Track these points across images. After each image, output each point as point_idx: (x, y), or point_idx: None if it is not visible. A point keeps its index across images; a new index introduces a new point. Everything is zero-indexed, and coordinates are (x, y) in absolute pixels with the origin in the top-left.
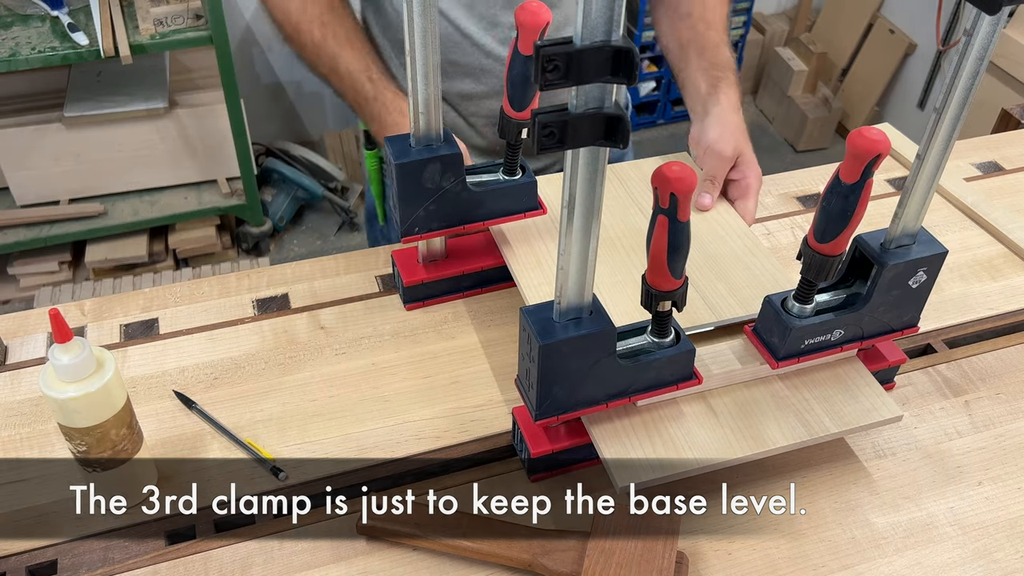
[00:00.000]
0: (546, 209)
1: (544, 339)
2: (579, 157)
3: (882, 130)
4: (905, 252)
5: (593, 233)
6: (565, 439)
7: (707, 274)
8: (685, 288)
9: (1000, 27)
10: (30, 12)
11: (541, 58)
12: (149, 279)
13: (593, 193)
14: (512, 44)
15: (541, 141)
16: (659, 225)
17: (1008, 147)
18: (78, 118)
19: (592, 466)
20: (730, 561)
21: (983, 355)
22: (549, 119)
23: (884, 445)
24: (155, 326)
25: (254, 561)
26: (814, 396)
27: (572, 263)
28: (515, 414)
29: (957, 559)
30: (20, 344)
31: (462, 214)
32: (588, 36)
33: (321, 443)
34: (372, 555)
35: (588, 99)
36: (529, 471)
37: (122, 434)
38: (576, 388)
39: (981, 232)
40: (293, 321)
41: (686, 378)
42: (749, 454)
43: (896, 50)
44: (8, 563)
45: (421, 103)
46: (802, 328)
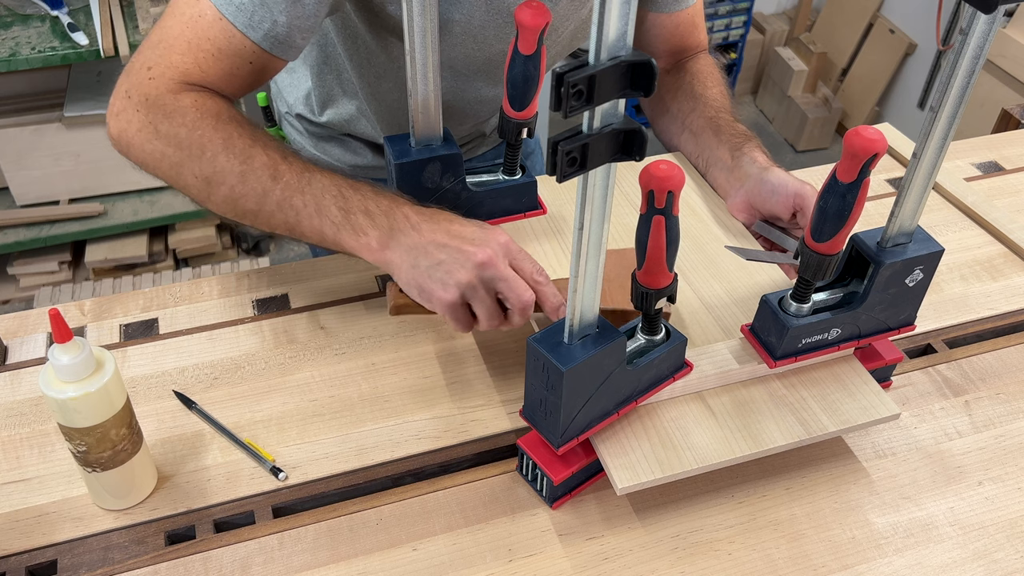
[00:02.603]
0: (546, 209)
1: (566, 365)
2: (595, 178)
3: (879, 129)
4: (902, 251)
5: (603, 248)
6: (580, 458)
7: (703, 275)
8: (676, 280)
9: (996, 26)
10: (30, 12)
11: (566, 85)
12: (149, 279)
13: (604, 209)
14: (512, 43)
15: (564, 170)
16: (655, 225)
17: (1008, 147)
18: (78, 118)
19: (605, 476)
20: (730, 561)
21: (983, 355)
22: (571, 146)
23: (884, 445)
24: (155, 326)
25: (254, 561)
26: (812, 395)
27: (586, 282)
28: (522, 446)
29: (957, 559)
30: (20, 344)
31: (462, 214)
32: (606, 55)
33: (321, 443)
34: (372, 555)
35: (605, 117)
36: (550, 500)
37: (122, 434)
38: (593, 405)
39: (981, 232)
40: (293, 321)
41: (679, 368)
42: (748, 453)
43: (896, 50)
44: (8, 563)
45: (421, 103)
46: (799, 327)
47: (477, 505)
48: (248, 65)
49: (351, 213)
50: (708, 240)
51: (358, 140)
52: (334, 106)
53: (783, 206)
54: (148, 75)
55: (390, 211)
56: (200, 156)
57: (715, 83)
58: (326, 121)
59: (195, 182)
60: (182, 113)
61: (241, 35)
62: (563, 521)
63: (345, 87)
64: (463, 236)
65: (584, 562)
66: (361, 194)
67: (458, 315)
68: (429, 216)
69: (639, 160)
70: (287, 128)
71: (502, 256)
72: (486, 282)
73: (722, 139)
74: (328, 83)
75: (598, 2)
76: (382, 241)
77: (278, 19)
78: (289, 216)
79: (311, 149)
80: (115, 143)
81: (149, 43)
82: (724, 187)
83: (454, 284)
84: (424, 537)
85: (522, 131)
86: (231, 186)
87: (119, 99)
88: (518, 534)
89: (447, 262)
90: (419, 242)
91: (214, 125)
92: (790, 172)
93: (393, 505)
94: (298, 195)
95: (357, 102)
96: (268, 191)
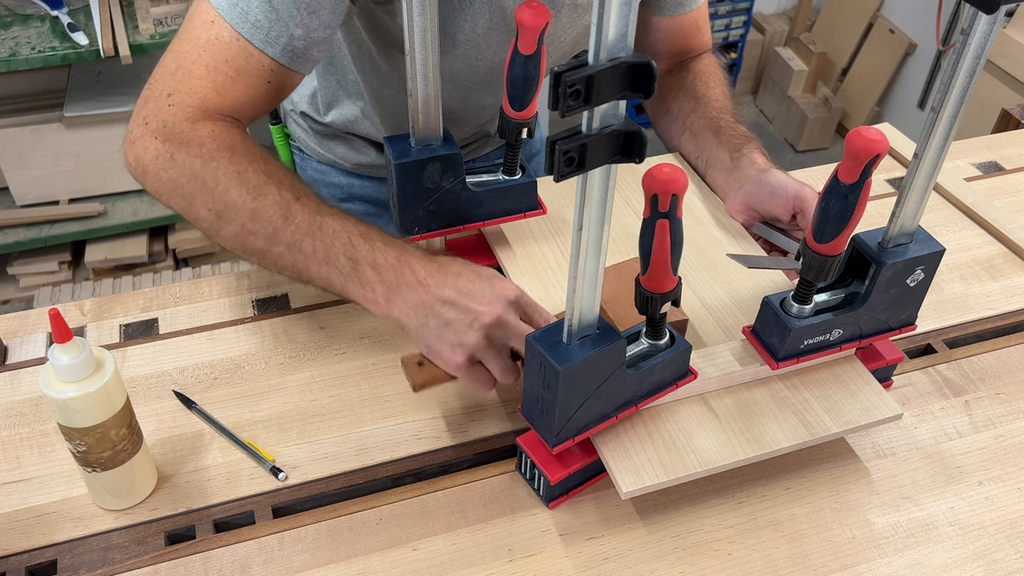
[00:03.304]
0: (546, 209)
1: (562, 364)
2: (593, 178)
3: (880, 130)
4: (903, 251)
5: (603, 249)
6: (579, 459)
7: (704, 276)
8: (680, 283)
9: (997, 27)
10: (30, 12)
11: (563, 84)
12: (149, 279)
13: (604, 210)
14: (512, 43)
15: (561, 169)
16: (660, 229)
17: (1008, 147)
18: (78, 118)
19: (604, 478)
20: (730, 561)
21: (983, 355)
22: (569, 145)
23: (884, 445)
24: (155, 326)
25: (254, 561)
26: (814, 396)
27: (585, 283)
28: (521, 444)
29: (957, 559)
30: (20, 344)
31: (462, 214)
32: (605, 56)
33: (321, 443)
34: (372, 555)
35: (604, 118)
36: (546, 499)
37: (122, 434)
38: (591, 406)
39: (981, 232)
40: (293, 321)
41: (683, 376)
42: (752, 455)
43: (896, 50)
44: (8, 563)
45: (421, 103)
46: (801, 328)
47: (477, 505)
48: (267, 84)
49: (359, 264)
50: (708, 242)
51: (362, 139)
52: (338, 107)
53: (783, 208)
54: (168, 102)
55: (397, 265)
56: (213, 189)
57: (717, 83)
58: (330, 121)
59: (207, 215)
60: (199, 144)
61: (259, 53)
62: (563, 521)
63: (350, 90)
64: (471, 294)
65: (584, 562)
66: (369, 243)
67: (473, 375)
68: (436, 269)
69: (639, 162)
70: (292, 125)
71: (512, 313)
72: (496, 340)
73: (722, 140)
74: (333, 85)
75: (597, 3)
76: (388, 297)
77: (294, 32)
78: (298, 260)
79: (316, 147)
80: (131, 170)
81: (166, 70)
82: (723, 188)
83: (462, 347)
84: (424, 537)
85: (522, 131)
86: (241, 223)
87: (137, 126)
88: (518, 534)
89: (455, 323)
90: (426, 299)
91: (229, 158)
92: (789, 173)
93: (393, 505)
94: (308, 239)
95: (361, 104)
96: (279, 231)
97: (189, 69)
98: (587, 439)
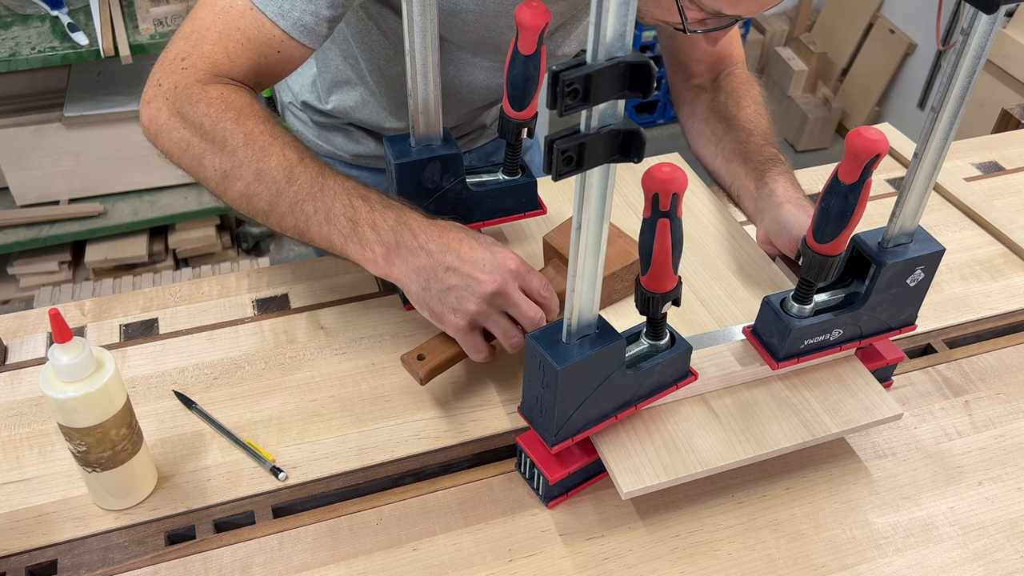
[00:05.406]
0: (546, 209)
1: (560, 363)
2: (592, 178)
3: (880, 130)
4: (903, 251)
5: (602, 248)
6: (579, 459)
7: (703, 276)
8: (681, 283)
9: (997, 26)
10: (30, 12)
11: (561, 83)
12: (149, 279)
13: (603, 209)
14: (512, 43)
15: (560, 168)
16: (661, 228)
17: (1008, 147)
18: (78, 118)
19: (604, 478)
20: (730, 561)
21: (983, 355)
22: (567, 144)
23: (884, 445)
24: (155, 326)
25: (254, 561)
26: (814, 396)
27: (584, 282)
28: (521, 443)
29: (957, 559)
30: (20, 344)
31: (462, 214)
32: (603, 55)
33: (321, 443)
34: (372, 555)
35: (602, 117)
36: (545, 498)
37: (122, 434)
38: (590, 406)
39: (981, 232)
40: (293, 321)
41: (683, 376)
42: (752, 455)
43: (896, 50)
44: (8, 563)
45: (421, 103)
46: (802, 328)
47: (477, 505)
48: (276, 54)
49: (358, 225)
50: (708, 242)
51: (361, 130)
52: (340, 91)
53: (788, 247)
54: (181, 65)
55: (396, 227)
56: (221, 149)
57: (751, 101)
58: (332, 108)
59: (214, 175)
60: (207, 103)
61: (271, 23)
62: (563, 521)
63: (352, 71)
64: (474, 261)
65: (584, 562)
66: (369, 205)
67: (472, 340)
68: (437, 234)
69: (637, 162)
70: (290, 119)
71: (512, 282)
72: (497, 308)
73: (749, 168)
74: (335, 67)
75: (595, 2)
76: (387, 257)
77: (306, 7)
78: (299, 220)
79: (315, 139)
80: (145, 131)
81: (182, 34)
82: (753, 217)
83: (464, 312)
84: (424, 537)
85: (522, 131)
86: (247, 183)
87: (151, 87)
88: (518, 534)
89: (458, 288)
90: (428, 264)
91: (236, 119)
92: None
93: (393, 505)
94: (310, 200)
95: (364, 86)
96: (281, 192)
97: (203, 35)
98: (587, 439)
